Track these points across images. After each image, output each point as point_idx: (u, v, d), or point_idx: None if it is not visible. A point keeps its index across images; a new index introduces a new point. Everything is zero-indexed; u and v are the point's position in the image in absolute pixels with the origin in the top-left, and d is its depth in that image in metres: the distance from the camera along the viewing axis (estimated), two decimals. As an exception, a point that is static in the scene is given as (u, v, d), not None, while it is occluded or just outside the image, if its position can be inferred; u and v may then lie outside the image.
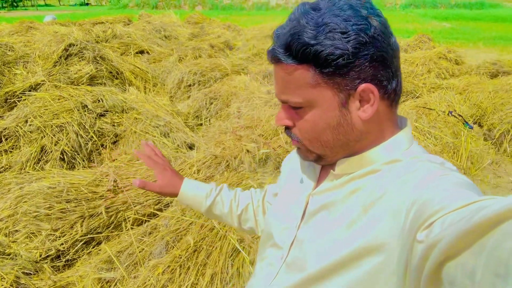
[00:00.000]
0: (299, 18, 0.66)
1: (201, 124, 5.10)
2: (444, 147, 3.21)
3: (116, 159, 3.47)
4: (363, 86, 0.66)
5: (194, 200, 1.08)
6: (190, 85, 5.79)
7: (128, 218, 2.60)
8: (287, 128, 0.77)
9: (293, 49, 0.65)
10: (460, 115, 4.58)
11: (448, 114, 4.54)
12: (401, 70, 0.72)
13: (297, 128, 0.74)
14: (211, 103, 5.18)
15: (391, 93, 0.70)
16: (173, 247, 2.00)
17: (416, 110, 4.21)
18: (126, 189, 2.73)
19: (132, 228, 2.33)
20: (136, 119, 3.90)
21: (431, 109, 4.48)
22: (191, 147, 3.94)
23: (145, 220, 2.45)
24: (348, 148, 0.73)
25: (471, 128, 4.46)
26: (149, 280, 1.82)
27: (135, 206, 2.66)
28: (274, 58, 0.70)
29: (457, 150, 3.44)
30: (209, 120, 5.10)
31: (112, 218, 2.55)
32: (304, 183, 0.84)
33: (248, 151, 2.97)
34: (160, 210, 2.71)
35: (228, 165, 2.89)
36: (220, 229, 2.16)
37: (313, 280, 0.72)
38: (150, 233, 2.17)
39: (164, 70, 6.47)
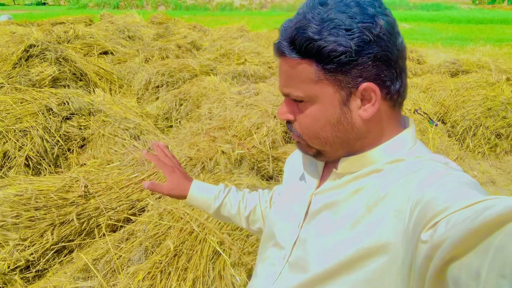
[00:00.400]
0: (306, 12, 0.66)
1: (171, 126, 5.01)
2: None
3: (85, 164, 3.34)
4: (365, 85, 0.66)
5: (202, 201, 1.08)
6: (158, 86, 5.68)
7: (100, 224, 2.51)
8: (289, 122, 0.77)
9: (297, 43, 0.65)
10: (425, 113, 4.74)
11: (414, 112, 4.69)
12: (403, 74, 0.71)
13: (297, 123, 0.74)
14: (181, 105, 5.10)
15: (394, 94, 0.69)
16: (153, 253, 1.94)
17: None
18: (98, 194, 2.63)
19: (106, 235, 2.24)
20: (104, 121, 3.77)
21: (398, 108, 4.61)
22: (162, 149, 3.85)
23: (120, 226, 2.37)
24: (348, 146, 0.73)
25: (436, 125, 4.63)
26: (129, 287, 1.75)
27: (108, 211, 2.57)
28: (278, 51, 0.70)
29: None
30: (179, 121, 5.02)
31: (84, 225, 2.46)
32: (307, 182, 0.83)
33: (223, 152, 2.94)
34: (134, 215, 2.64)
35: (203, 167, 2.85)
36: (200, 232, 2.12)
37: (317, 281, 0.71)
38: (127, 239, 2.10)
39: (130, 71, 6.32)
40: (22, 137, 3.20)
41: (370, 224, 0.65)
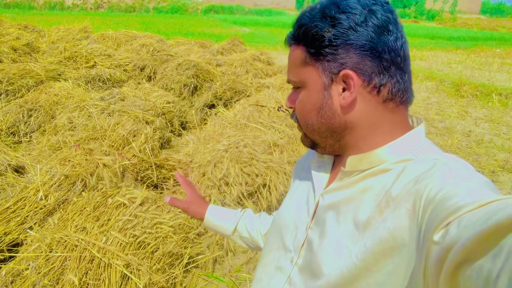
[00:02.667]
0: (312, 4, 0.73)
1: (19, 142, 4.30)
2: (289, 139, 3.52)
3: None
4: (344, 71, 0.67)
5: (224, 215, 1.10)
6: (-6, 96, 4.81)
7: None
8: (293, 111, 0.79)
9: (295, 30, 0.72)
10: (287, 110, 5.12)
11: (278, 110, 5.01)
12: (396, 72, 0.71)
13: (295, 110, 0.77)
14: (30, 116, 4.43)
15: (382, 88, 0.69)
16: (53, 292, 1.63)
17: (253, 107, 4.49)
18: (-51, 234, 2.10)
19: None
20: None
21: (263, 106, 4.86)
22: (18, 170, 3.28)
23: (-5, 268, 1.93)
24: (336, 135, 0.73)
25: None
26: None
27: (-34, 253, 2.07)
28: (286, 38, 0.77)
29: (298, 140, 3.83)
30: (30, 136, 4.35)
31: None
32: (315, 183, 0.80)
33: (104, 165, 2.66)
34: (3, 251, 2.18)
35: (84, 184, 2.52)
36: (102, 257, 1.88)
37: (334, 286, 0.68)
38: (12, 282, 1.71)
39: (-50, 79, 5.20)
40: None
41: (383, 225, 0.63)
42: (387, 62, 0.69)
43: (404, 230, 0.60)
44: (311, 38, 0.68)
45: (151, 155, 3.24)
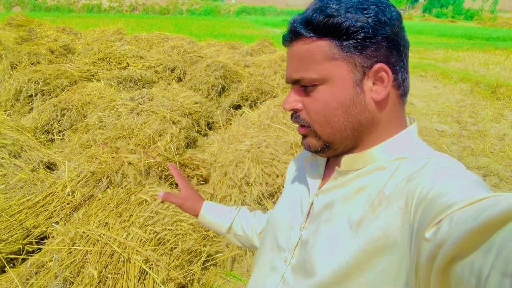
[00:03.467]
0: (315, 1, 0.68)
1: (53, 140, 4.48)
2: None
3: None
4: (378, 65, 0.67)
5: (219, 213, 1.08)
6: (31, 96, 5.04)
7: (-11, 260, 2.11)
8: (295, 113, 0.73)
9: (315, 22, 0.65)
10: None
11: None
12: (408, 67, 0.73)
13: (306, 111, 0.71)
14: (63, 115, 4.60)
15: (401, 83, 0.70)
16: (73, 283, 1.70)
17: (278, 108, 4.50)
18: (-17, 225, 2.22)
19: (9, 271, 1.89)
20: (-26, 139, 3.20)
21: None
22: (50, 166, 3.42)
23: (22, 259, 2.03)
24: (357, 134, 0.71)
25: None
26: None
27: (-3, 244, 2.18)
28: (294, 32, 0.69)
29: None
30: (63, 134, 4.52)
31: (-31, 264, 2.05)
32: (309, 183, 0.80)
33: (130, 163, 2.73)
34: (31, 243, 2.29)
35: (109, 180, 2.60)
36: (122, 252, 1.93)
37: (325, 285, 0.68)
38: (36, 273, 1.80)
39: (-7, 79, 5.48)
40: None
41: (376, 224, 0.63)
42: (406, 57, 0.71)
43: (397, 228, 0.61)
44: (344, 30, 0.64)
45: (176, 154, 3.30)
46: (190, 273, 2.17)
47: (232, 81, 5.95)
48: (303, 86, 0.70)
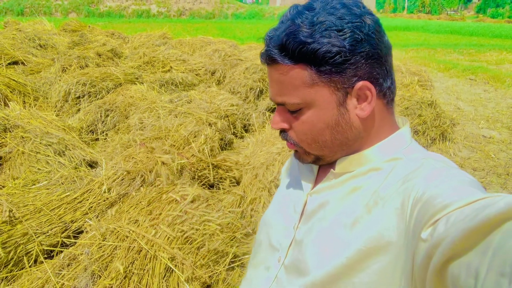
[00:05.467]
0: (294, 18, 0.65)
1: (97, 139, 4.70)
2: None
3: (3, 186, 2.99)
4: (360, 83, 0.66)
5: None
6: (79, 97, 5.31)
7: (30, 251, 2.25)
8: (283, 131, 0.75)
9: (289, 48, 0.65)
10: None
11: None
12: (392, 71, 0.73)
13: (293, 131, 0.73)
14: (107, 116, 4.81)
15: (387, 91, 0.71)
16: (100, 277, 1.78)
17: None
18: (25, 218, 2.36)
19: (43, 262, 2.01)
20: (23, 138, 3.42)
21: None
22: (91, 165, 3.59)
23: (58, 252, 2.14)
24: (346, 147, 0.72)
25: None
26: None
27: (38, 237, 2.32)
28: (269, 58, 0.68)
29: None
30: (106, 134, 4.73)
31: (12, 254, 2.19)
32: (302, 184, 0.81)
33: (163, 163, 2.81)
34: (69, 237, 2.41)
35: (143, 179, 2.69)
36: (149, 249, 1.99)
37: (319, 285, 0.68)
38: (68, 265, 1.90)
39: (45, 82, 5.84)
40: None
41: (371, 224, 0.64)
42: (388, 64, 0.70)
43: (392, 228, 0.61)
44: (320, 57, 0.63)
45: (209, 156, 3.36)
46: (216, 272, 2.20)
47: (271, 84, 5.97)
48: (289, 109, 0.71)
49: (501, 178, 3.90)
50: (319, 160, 0.76)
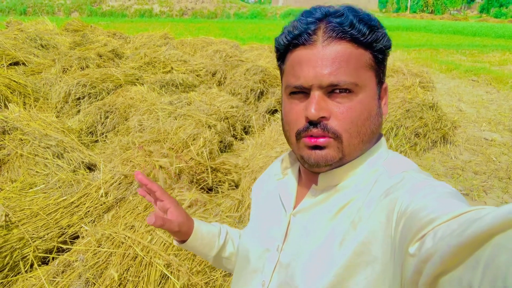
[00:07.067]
0: (347, 5, 0.68)
1: (96, 141, 4.69)
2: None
3: (1, 189, 2.98)
4: (386, 83, 0.72)
5: (208, 239, 0.92)
6: (79, 98, 5.31)
7: (26, 256, 2.24)
8: (320, 122, 0.65)
9: (361, 29, 0.64)
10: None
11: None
12: None
13: (336, 119, 0.64)
14: (107, 117, 4.80)
15: None
16: (95, 284, 1.76)
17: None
18: (22, 223, 2.35)
19: (37, 269, 2.00)
20: (22, 140, 3.41)
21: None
22: (90, 167, 3.58)
23: (52, 258, 2.13)
24: (367, 146, 0.70)
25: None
26: (70, 328, 1.57)
27: (34, 241, 2.31)
28: (339, 31, 0.64)
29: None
30: (106, 135, 4.72)
31: (8, 258, 2.18)
32: (282, 202, 0.78)
33: (161, 167, 2.80)
34: (65, 242, 2.40)
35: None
36: (144, 256, 1.97)
37: None
38: (63, 272, 1.88)
39: (45, 83, 5.84)
40: None
41: (356, 240, 0.63)
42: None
43: (377, 243, 0.61)
44: (383, 46, 0.67)
45: (208, 159, 3.34)
46: (212, 279, 2.18)
47: (271, 85, 5.95)
48: (333, 93, 0.65)
49: (502, 182, 3.87)
50: (338, 163, 0.68)
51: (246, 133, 4.87)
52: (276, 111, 5.19)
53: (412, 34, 22.72)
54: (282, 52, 0.72)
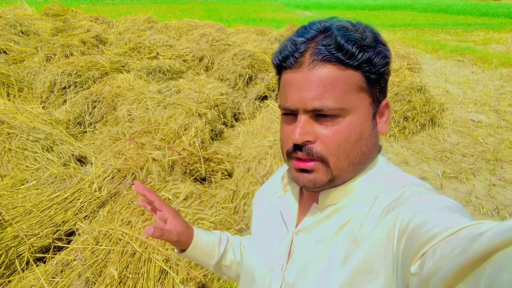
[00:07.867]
0: (339, 24, 0.65)
1: (85, 132, 4.63)
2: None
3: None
4: (386, 100, 0.69)
5: (207, 248, 0.91)
6: (65, 88, 5.20)
7: (22, 254, 2.23)
8: (305, 146, 0.65)
9: (349, 50, 0.62)
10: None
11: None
12: None
13: (322, 143, 0.64)
14: (94, 107, 4.73)
15: None
16: (95, 283, 1.76)
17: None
18: (15, 221, 2.33)
19: (35, 268, 1.99)
20: (9, 134, 3.34)
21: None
22: (81, 160, 3.54)
23: (48, 254, 2.12)
24: (360, 167, 0.69)
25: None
26: (73, 328, 1.57)
27: (29, 239, 2.29)
28: (323, 55, 0.62)
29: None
30: (94, 126, 4.66)
31: (3, 257, 2.16)
32: (284, 220, 0.78)
33: (154, 159, 2.78)
34: (60, 238, 2.39)
35: (134, 177, 2.66)
36: (143, 252, 1.98)
37: None
38: (62, 271, 1.88)
39: (29, 72, 5.69)
40: None
41: (360, 257, 0.63)
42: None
43: (379, 259, 0.61)
44: (375, 64, 0.63)
45: (201, 149, 3.33)
46: (211, 271, 2.20)
47: (260, 70, 5.91)
48: (320, 116, 0.64)
49: (489, 164, 3.95)
50: (329, 184, 0.68)
51: (237, 120, 4.85)
52: (266, 97, 5.17)
53: (397, 13, 22.69)
54: (277, 70, 0.71)
